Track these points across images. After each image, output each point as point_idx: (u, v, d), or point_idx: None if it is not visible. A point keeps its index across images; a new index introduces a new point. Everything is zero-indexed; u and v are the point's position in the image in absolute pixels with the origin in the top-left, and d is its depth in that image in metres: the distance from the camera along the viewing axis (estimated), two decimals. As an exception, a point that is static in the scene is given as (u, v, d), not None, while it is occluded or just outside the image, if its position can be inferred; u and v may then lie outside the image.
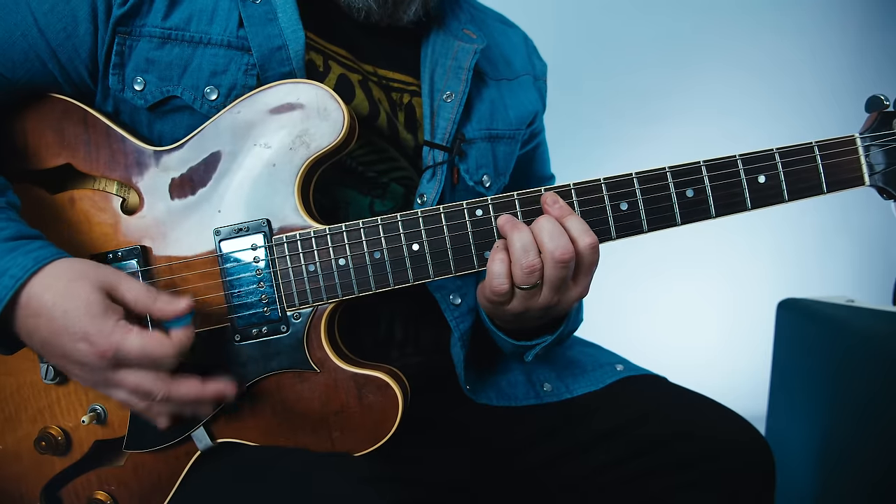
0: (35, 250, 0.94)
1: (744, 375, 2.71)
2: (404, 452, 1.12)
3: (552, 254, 0.99)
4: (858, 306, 1.90)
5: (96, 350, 0.90)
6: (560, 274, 1.01)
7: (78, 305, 0.90)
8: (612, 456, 1.21)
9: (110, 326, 0.91)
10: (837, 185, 1.06)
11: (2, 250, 0.93)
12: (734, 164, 1.04)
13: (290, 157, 1.06)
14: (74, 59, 1.07)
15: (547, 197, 1.04)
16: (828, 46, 3.12)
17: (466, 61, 1.24)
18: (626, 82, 2.97)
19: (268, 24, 1.09)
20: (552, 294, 1.04)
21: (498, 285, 1.02)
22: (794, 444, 2.00)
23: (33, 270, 0.92)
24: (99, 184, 1.10)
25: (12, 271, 0.91)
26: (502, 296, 1.04)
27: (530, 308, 1.06)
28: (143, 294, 0.95)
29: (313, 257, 1.05)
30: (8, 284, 0.91)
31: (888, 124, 1.06)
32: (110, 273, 0.96)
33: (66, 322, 0.90)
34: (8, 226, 0.96)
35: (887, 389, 1.64)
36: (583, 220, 1.03)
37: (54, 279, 0.92)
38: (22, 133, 1.10)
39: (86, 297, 0.91)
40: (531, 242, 1.00)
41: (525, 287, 1.02)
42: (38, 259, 0.93)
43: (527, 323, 1.13)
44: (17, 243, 0.94)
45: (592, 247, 1.02)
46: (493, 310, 1.11)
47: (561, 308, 1.08)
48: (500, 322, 1.18)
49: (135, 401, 0.95)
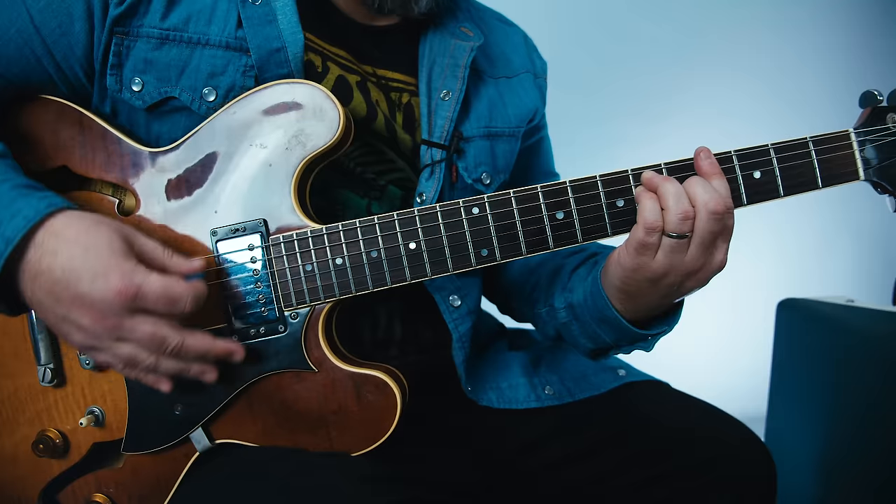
0: (49, 196, 0.93)
1: (744, 375, 2.70)
2: (404, 452, 1.12)
3: (706, 204, 0.97)
4: (858, 306, 1.90)
5: (116, 287, 0.88)
6: (712, 227, 0.98)
7: (100, 243, 0.89)
8: (613, 462, 1.20)
9: (131, 266, 0.89)
10: (832, 179, 1.06)
11: (14, 194, 0.91)
12: (729, 159, 1.04)
13: (287, 157, 1.06)
14: (69, 57, 1.07)
15: (701, 150, 1.02)
16: (829, 47, 3.12)
17: (463, 59, 1.24)
18: (626, 83, 2.97)
19: (267, 26, 1.09)
20: (699, 253, 1.00)
21: (653, 221, 0.98)
22: (794, 445, 2.00)
23: (48, 212, 0.90)
24: (95, 186, 1.10)
25: (26, 212, 0.90)
26: (653, 235, 0.99)
27: (673, 268, 1.01)
28: (158, 249, 0.96)
29: (310, 257, 1.05)
30: (20, 224, 0.89)
31: (882, 119, 1.07)
32: (126, 226, 0.96)
33: (85, 259, 0.88)
34: (17, 176, 0.95)
35: (887, 390, 1.64)
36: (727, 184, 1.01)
37: (75, 219, 0.92)
38: (17, 136, 1.09)
39: (108, 236, 0.90)
40: (683, 192, 0.99)
41: (675, 235, 0.98)
42: (52, 203, 0.92)
43: (654, 299, 1.08)
44: (30, 190, 0.94)
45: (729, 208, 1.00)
46: (635, 266, 1.03)
47: (692, 284, 1.04)
48: (626, 297, 1.10)
49: (143, 355, 0.93)
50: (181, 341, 0.93)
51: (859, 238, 3.21)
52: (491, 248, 1.05)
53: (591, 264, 1.25)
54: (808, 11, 3.09)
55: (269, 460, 1.04)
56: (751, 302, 2.85)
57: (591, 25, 2.94)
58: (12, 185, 0.93)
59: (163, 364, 0.95)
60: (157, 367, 0.95)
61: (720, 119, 2.98)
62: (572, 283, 1.24)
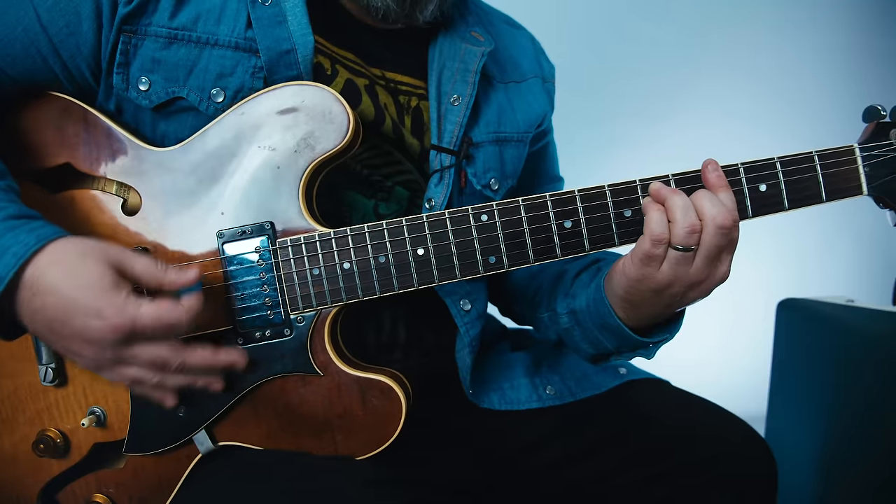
0: (37, 228, 0.92)
1: (744, 375, 2.71)
2: (407, 455, 1.12)
3: (714, 219, 0.98)
4: (858, 306, 1.91)
5: (111, 325, 0.88)
6: (718, 241, 0.99)
7: (88, 281, 0.89)
8: (614, 460, 1.21)
9: (122, 300, 0.89)
10: (836, 194, 1.08)
11: (2, 228, 0.91)
12: (736, 172, 1.05)
13: (295, 160, 1.05)
14: (76, 56, 1.06)
15: (709, 163, 1.03)
16: (829, 47, 3.12)
17: (474, 64, 1.23)
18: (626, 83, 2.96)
19: (277, 27, 1.08)
20: (704, 265, 1.01)
21: (660, 233, 0.99)
22: (794, 444, 2.01)
23: (36, 248, 0.90)
24: (99, 184, 1.09)
25: (14, 249, 0.89)
26: (659, 246, 1.00)
27: (677, 280, 1.01)
28: (151, 266, 0.94)
29: (317, 261, 1.04)
30: (10, 262, 0.89)
31: (885, 135, 1.08)
32: (115, 249, 0.94)
33: (75, 299, 0.88)
34: (8, 206, 0.94)
35: (887, 389, 1.65)
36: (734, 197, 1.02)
37: (61, 254, 0.91)
38: (22, 132, 1.08)
39: (95, 272, 0.89)
40: (691, 205, 0.99)
41: (681, 248, 0.99)
42: (40, 237, 0.91)
43: (656, 308, 1.09)
44: (19, 222, 0.93)
45: (736, 222, 1.00)
46: (639, 276, 1.04)
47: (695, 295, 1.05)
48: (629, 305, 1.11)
49: (148, 376, 0.94)
50: (182, 360, 0.94)
51: (859, 238, 3.22)
52: (499, 255, 1.05)
53: (595, 270, 1.25)
54: (809, 11, 3.09)
55: (272, 463, 1.04)
56: (751, 302, 2.85)
57: (591, 25, 2.93)
58: (3, 217, 0.93)
59: (169, 381, 0.96)
60: (164, 384, 0.96)
61: (720, 119, 2.98)
62: (575, 288, 1.24)
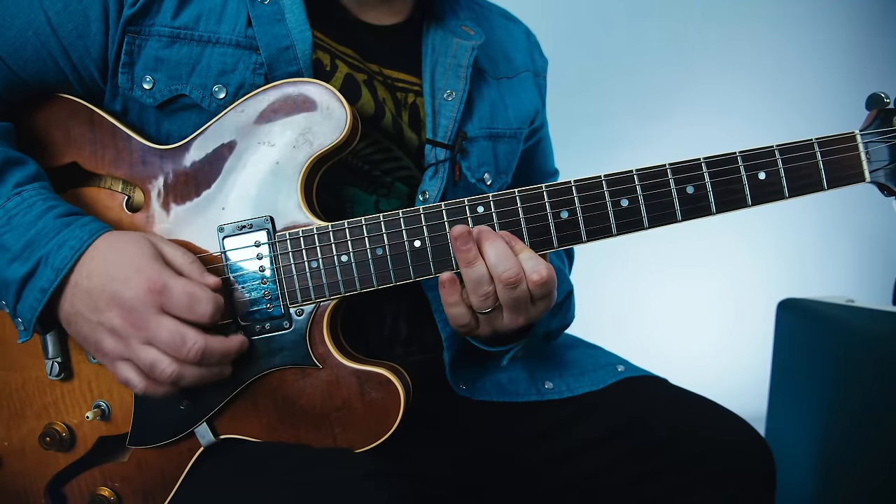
0: (88, 223, 1.01)
1: (744, 375, 2.70)
2: (407, 448, 1.13)
3: (499, 277, 1.00)
4: (858, 306, 1.90)
5: (146, 279, 0.95)
6: (513, 295, 1.01)
7: (132, 248, 0.99)
8: (612, 456, 1.21)
9: (160, 267, 0.98)
10: (838, 181, 1.06)
11: (59, 225, 0.99)
12: (734, 160, 1.05)
13: (294, 155, 1.06)
14: (85, 58, 1.08)
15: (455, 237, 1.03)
16: (828, 45, 3.12)
17: (465, 58, 1.25)
18: (625, 81, 2.97)
19: (276, 24, 1.10)
20: (513, 315, 1.04)
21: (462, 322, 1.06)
22: (794, 444, 2.00)
23: (90, 242, 0.99)
24: (104, 182, 1.11)
25: (71, 243, 0.98)
26: (466, 326, 1.06)
27: (498, 329, 1.07)
28: (179, 255, 1.02)
29: (316, 254, 1.06)
30: (67, 255, 0.97)
31: (889, 121, 1.07)
32: (154, 235, 1.05)
33: (117, 263, 0.97)
34: (58, 203, 1.02)
35: (886, 389, 1.64)
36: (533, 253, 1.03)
37: (111, 236, 1.01)
38: (29, 132, 1.11)
39: (139, 243, 1.00)
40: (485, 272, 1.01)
41: (484, 312, 1.04)
42: (92, 231, 1.00)
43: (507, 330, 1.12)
44: (71, 218, 1.01)
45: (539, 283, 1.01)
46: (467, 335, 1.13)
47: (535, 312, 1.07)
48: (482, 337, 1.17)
49: (164, 362, 0.95)
50: (203, 342, 0.96)
51: (859, 238, 3.21)
52: (495, 246, 1.06)
53: None
54: (808, 9, 3.09)
55: (272, 456, 1.05)
56: (751, 302, 2.85)
57: (590, 23, 2.94)
58: (56, 215, 1.00)
59: (186, 372, 0.97)
60: (182, 374, 0.96)
61: (720, 117, 2.98)
62: None
